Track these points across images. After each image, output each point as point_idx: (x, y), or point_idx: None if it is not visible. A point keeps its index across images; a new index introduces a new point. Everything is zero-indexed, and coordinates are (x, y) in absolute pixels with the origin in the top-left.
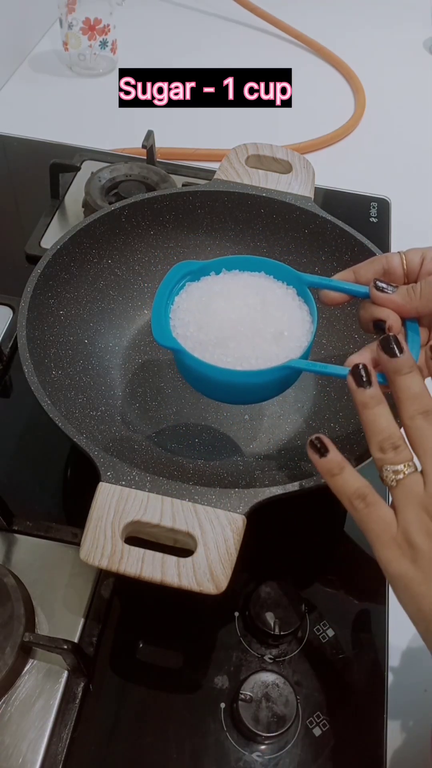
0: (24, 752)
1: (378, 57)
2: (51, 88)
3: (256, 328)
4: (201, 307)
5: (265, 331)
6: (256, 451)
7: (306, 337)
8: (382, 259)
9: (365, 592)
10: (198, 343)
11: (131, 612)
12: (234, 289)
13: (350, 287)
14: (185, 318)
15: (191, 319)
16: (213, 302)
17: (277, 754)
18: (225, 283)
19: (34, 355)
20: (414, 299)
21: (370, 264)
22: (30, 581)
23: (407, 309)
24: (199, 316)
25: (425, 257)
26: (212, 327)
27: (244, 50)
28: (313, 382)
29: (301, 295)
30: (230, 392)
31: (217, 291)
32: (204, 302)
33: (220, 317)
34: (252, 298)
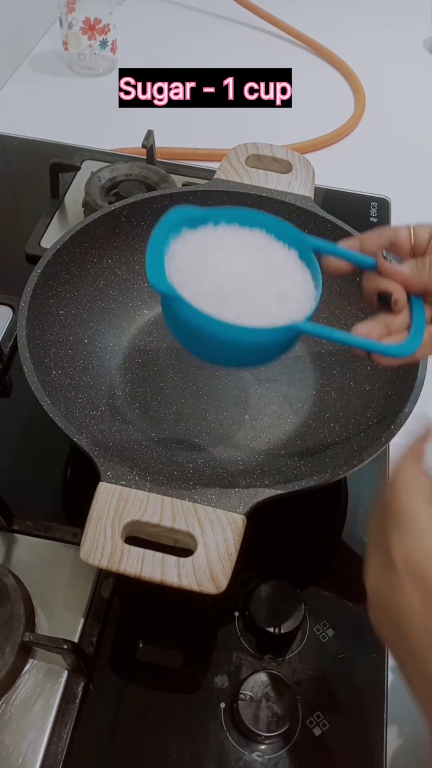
0: (24, 752)
1: (378, 57)
2: (51, 88)
3: (258, 285)
4: (199, 256)
5: (267, 289)
6: (256, 451)
7: (309, 301)
8: (390, 230)
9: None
10: (195, 292)
11: (131, 612)
12: (234, 243)
13: (356, 256)
14: (181, 265)
15: (188, 267)
16: (212, 252)
17: (277, 754)
18: (224, 235)
19: (34, 354)
20: (423, 273)
21: (377, 234)
22: (30, 581)
23: (415, 283)
24: (197, 265)
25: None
26: (211, 278)
27: (244, 50)
28: (313, 382)
29: (303, 258)
30: (223, 351)
31: (217, 242)
32: (202, 251)
33: (220, 269)
34: (254, 254)
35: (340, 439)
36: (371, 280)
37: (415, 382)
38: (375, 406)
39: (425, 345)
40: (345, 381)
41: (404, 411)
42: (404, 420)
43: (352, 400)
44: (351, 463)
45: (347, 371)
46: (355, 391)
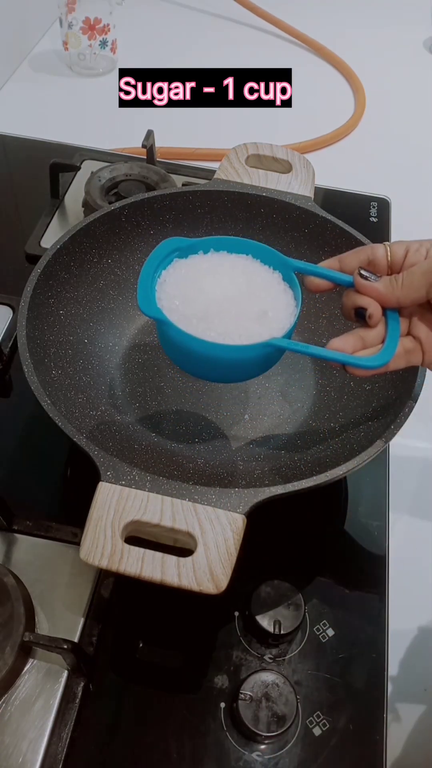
0: (24, 752)
1: (378, 56)
2: (51, 88)
3: (241, 306)
4: (188, 282)
5: (249, 309)
6: (256, 451)
7: (289, 319)
8: (368, 249)
9: (365, 591)
10: (182, 316)
11: (131, 612)
12: (221, 269)
13: (335, 275)
14: (171, 291)
15: (177, 293)
16: (200, 278)
17: (277, 754)
18: (212, 262)
19: (34, 354)
20: (396, 289)
21: (356, 253)
22: (30, 581)
23: (389, 298)
24: (186, 291)
25: (409, 249)
26: (198, 302)
27: (244, 50)
28: (313, 382)
29: (287, 280)
30: (211, 368)
31: (205, 269)
32: (191, 278)
33: (206, 293)
34: (239, 278)
35: (340, 440)
36: (349, 297)
37: (415, 383)
38: (375, 406)
39: (398, 357)
40: (345, 381)
41: (404, 411)
42: (404, 420)
43: (352, 400)
44: (351, 464)
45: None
46: (355, 391)
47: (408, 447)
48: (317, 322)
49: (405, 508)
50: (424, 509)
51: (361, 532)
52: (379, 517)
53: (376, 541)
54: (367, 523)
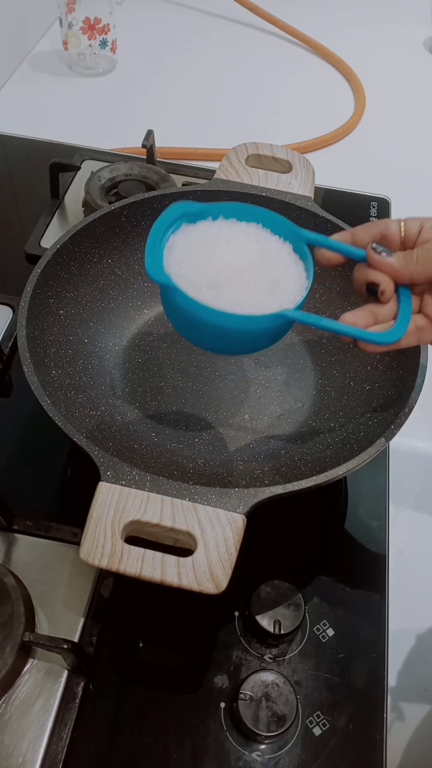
0: (24, 751)
1: (378, 56)
2: (51, 88)
3: (253, 274)
4: (197, 248)
5: (261, 278)
6: (256, 451)
7: (300, 291)
8: (381, 224)
9: (365, 591)
10: (191, 282)
11: (131, 611)
12: (232, 235)
13: (347, 248)
14: (180, 257)
15: (186, 258)
16: (210, 245)
17: (277, 754)
18: (223, 228)
19: (34, 354)
20: (410, 264)
21: (369, 227)
22: (30, 581)
23: (402, 273)
24: (195, 257)
25: (423, 226)
26: (208, 268)
27: (244, 50)
28: (313, 382)
29: (297, 251)
30: (218, 338)
31: (215, 234)
32: (201, 244)
33: (217, 260)
34: (251, 246)
35: (340, 440)
36: (361, 271)
37: (415, 382)
38: (375, 406)
39: (410, 334)
40: (345, 381)
41: (404, 411)
42: (404, 420)
43: (352, 400)
44: (351, 463)
45: (347, 371)
46: (355, 391)
47: (408, 447)
48: None
49: (405, 507)
50: (424, 509)
51: (362, 531)
52: (379, 516)
53: (376, 540)
54: (367, 523)
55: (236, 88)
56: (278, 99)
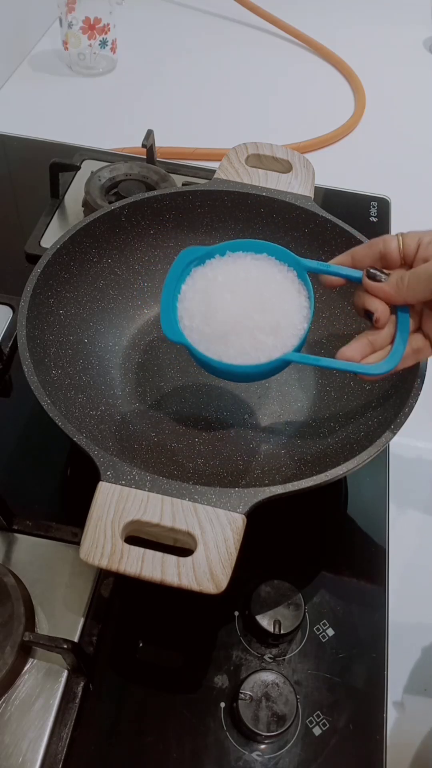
0: (24, 751)
1: (378, 56)
2: (51, 88)
3: (255, 321)
4: (205, 299)
5: (264, 323)
6: (256, 451)
7: (302, 324)
8: (380, 242)
9: (365, 591)
10: (202, 335)
11: (131, 611)
12: (236, 280)
13: (347, 273)
14: (191, 309)
15: (196, 310)
16: (216, 295)
17: (277, 754)
18: (228, 270)
19: (34, 354)
20: (401, 289)
21: (368, 247)
22: (30, 581)
23: (395, 299)
24: (204, 308)
25: (421, 243)
26: (215, 320)
27: (244, 49)
28: (314, 382)
29: (301, 278)
30: (232, 377)
31: (221, 282)
32: (208, 294)
33: (222, 311)
34: (252, 289)
35: (340, 440)
36: (359, 296)
37: (415, 383)
38: (375, 405)
39: (407, 357)
40: (345, 381)
41: (404, 411)
42: (404, 420)
43: (352, 400)
44: (351, 463)
45: None
46: (355, 391)
47: (408, 447)
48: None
49: (405, 507)
50: (424, 509)
51: (362, 531)
52: (380, 516)
53: (377, 540)
54: (367, 523)
55: (236, 87)
56: (278, 99)
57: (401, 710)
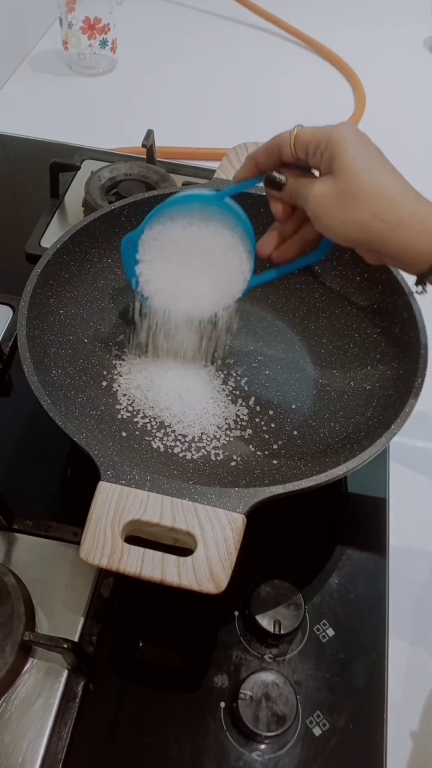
0: (24, 751)
1: (378, 56)
2: (51, 87)
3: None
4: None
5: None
6: (256, 451)
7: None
8: (276, 147)
9: (365, 591)
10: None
11: (131, 611)
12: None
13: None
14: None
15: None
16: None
17: (276, 754)
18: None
19: (34, 354)
20: (294, 199)
21: (266, 154)
22: (30, 580)
23: (292, 203)
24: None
25: (309, 149)
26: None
27: (244, 49)
28: (313, 382)
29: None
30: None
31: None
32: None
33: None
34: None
35: (340, 439)
36: (268, 195)
37: (415, 382)
38: (375, 405)
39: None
40: (345, 381)
41: (404, 411)
42: (405, 420)
43: (352, 400)
44: (351, 463)
45: (347, 371)
46: (355, 391)
47: (408, 446)
48: (318, 321)
49: (405, 507)
50: (424, 509)
51: (362, 531)
52: (380, 516)
53: (376, 540)
54: (367, 523)
55: (236, 87)
56: (278, 98)
57: (401, 710)
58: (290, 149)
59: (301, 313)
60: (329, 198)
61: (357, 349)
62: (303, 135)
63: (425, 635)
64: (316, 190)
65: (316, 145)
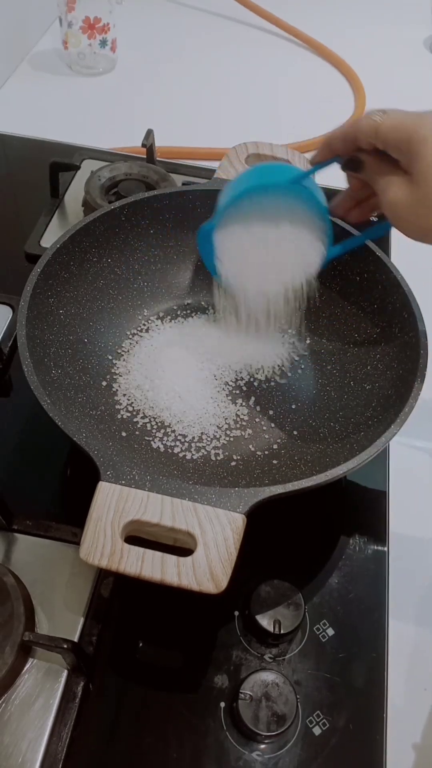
0: (24, 751)
1: (378, 56)
2: (51, 87)
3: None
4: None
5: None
6: (256, 451)
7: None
8: (352, 133)
9: (365, 591)
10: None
11: (131, 611)
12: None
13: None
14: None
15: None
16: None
17: (276, 754)
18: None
19: (34, 354)
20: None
21: (343, 139)
22: (30, 580)
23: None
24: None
25: (389, 143)
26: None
27: (244, 49)
28: (313, 382)
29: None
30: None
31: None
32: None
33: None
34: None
35: (340, 439)
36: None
37: (415, 382)
38: (375, 405)
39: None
40: (345, 381)
41: (404, 411)
42: (404, 420)
43: (352, 400)
44: (351, 463)
45: (347, 371)
46: (355, 390)
47: (408, 446)
48: (318, 321)
49: (405, 507)
50: (424, 509)
51: (361, 531)
52: (379, 516)
53: (376, 540)
54: (367, 523)
55: (236, 87)
56: (278, 98)
57: (401, 710)
58: (369, 140)
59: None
60: (405, 206)
61: (357, 349)
62: (384, 129)
63: (425, 635)
64: (391, 195)
65: (397, 142)
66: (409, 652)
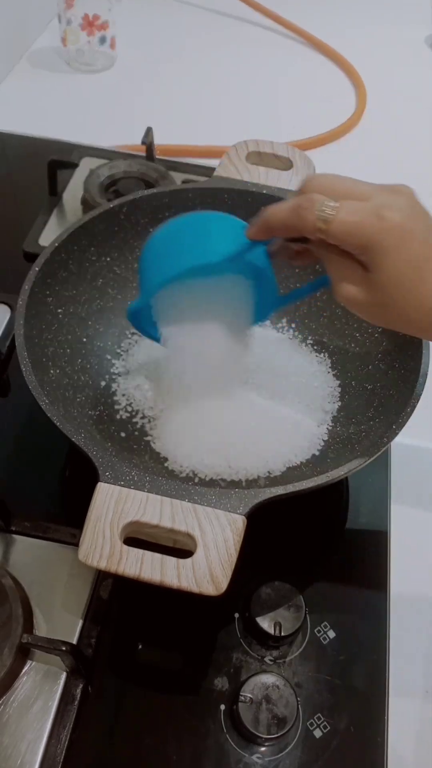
0: (23, 753)
1: (379, 54)
2: (50, 84)
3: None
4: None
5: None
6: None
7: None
8: (295, 224)
9: (366, 593)
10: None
11: (130, 613)
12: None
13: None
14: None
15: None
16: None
17: (277, 756)
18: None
19: (32, 353)
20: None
21: (284, 226)
22: (28, 582)
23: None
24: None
25: (342, 244)
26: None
27: (244, 47)
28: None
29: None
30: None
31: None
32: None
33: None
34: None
35: (341, 440)
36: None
37: (417, 382)
38: (376, 405)
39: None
40: (345, 381)
41: (406, 411)
42: (406, 419)
43: (352, 400)
44: (352, 464)
45: (348, 371)
46: (356, 390)
47: (410, 447)
48: (318, 321)
49: (407, 508)
50: (426, 510)
51: (363, 533)
52: (381, 517)
53: (378, 542)
54: (368, 524)
55: (237, 84)
56: (279, 96)
57: (402, 712)
58: (316, 236)
59: (301, 313)
60: (363, 304)
61: (358, 349)
62: (335, 231)
63: (426, 637)
64: (346, 291)
65: (352, 246)
66: (410, 654)
